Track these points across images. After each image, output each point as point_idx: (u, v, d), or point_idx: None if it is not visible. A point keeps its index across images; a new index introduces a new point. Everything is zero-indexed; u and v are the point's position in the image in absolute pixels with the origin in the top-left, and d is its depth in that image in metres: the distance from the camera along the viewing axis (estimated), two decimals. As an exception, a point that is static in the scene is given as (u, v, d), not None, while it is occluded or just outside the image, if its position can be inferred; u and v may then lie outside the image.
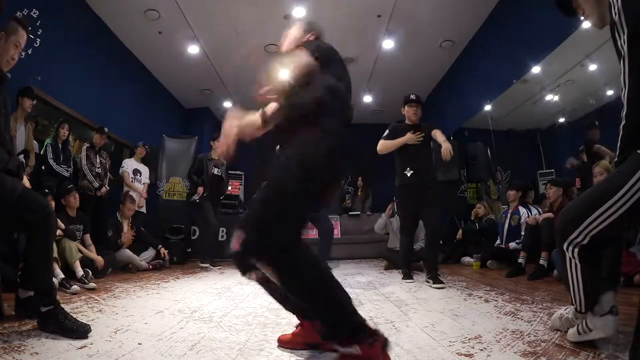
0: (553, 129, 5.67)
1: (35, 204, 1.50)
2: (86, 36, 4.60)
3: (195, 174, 4.48)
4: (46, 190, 3.28)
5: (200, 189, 4.36)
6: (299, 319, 1.42)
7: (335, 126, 1.15)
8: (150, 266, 4.05)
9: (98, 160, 4.26)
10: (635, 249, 2.35)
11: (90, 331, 1.45)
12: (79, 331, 1.43)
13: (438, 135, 2.98)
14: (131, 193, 4.48)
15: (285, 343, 1.39)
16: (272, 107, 1.41)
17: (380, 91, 7.17)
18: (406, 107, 3.21)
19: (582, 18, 1.27)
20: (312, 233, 4.00)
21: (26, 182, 1.74)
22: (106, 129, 4.38)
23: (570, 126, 5.31)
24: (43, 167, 3.75)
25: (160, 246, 4.35)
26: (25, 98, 3.36)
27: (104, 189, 4.22)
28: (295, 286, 1.11)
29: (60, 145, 3.90)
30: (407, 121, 3.22)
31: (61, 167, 3.82)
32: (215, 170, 4.50)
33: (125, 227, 4.15)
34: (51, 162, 3.75)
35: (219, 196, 4.61)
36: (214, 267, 4.29)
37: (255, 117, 1.40)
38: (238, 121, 1.30)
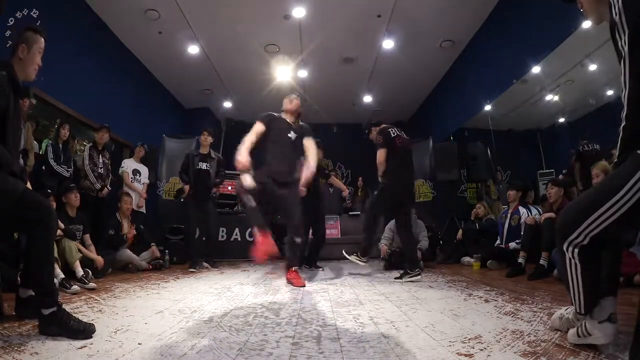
0: (553, 129, 5.67)
1: (36, 203, 1.50)
2: (86, 36, 4.60)
3: (183, 172, 4.34)
4: (49, 191, 3.29)
5: (186, 188, 4.25)
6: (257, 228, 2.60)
7: None
8: (150, 266, 4.05)
9: (101, 161, 4.23)
10: (635, 249, 2.35)
11: (95, 330, 1.45)
12: (86, 331, 1.42)
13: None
14: (130, 192, 4.48)
15: (257, 258, 2.57)
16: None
17: (380, 91, 7.18)
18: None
19: (581, 10, 1.27)
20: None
21: (28, 185, 1.74)
22: (106, 125, 4.35)
23: (570, 126, 5.31)
24: (43, 167, 3.75)
25: (153, 244, 4.29)
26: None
27: (105, 190, 4.20)
28: (298, 247, 2.87)
29: (60, 146, 3.90)
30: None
31: (61, 167, 3.82)
32: (203, 165, 4.36)
33: (125, 225, 4.16)
34: (52, 162, 3.75)
35: (207, 191, 4.38)
36: (213, 267, 4.28)
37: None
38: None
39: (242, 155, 2.65)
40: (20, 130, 1.75)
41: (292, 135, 2.94)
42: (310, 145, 2.92)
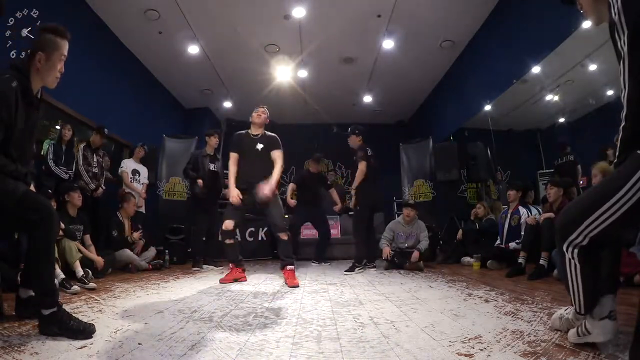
0: (553, 129, 5.67)
1: (37, 204, 1.50)
2: (86, 36, 4.60)
3: (193, 170, 4.36)
4: (49, 191, 3.29)
5: (200, 181, 4.25)
6: (232, 265, 3.16)
7: None
8: (150, 266, 4.06)
9: (95, 160, 4.20)
10: (635, 249, 2.34)
11: (95, 330, 1.45)
12: (86, 331, 1.42)
13: None
14: (132, 193, 4.48)
15: (223, 280, 3.05)
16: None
17: (380, 91, 7.17)
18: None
19: (581, 11, 1.27)
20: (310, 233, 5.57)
21: (32, 187, 1.73)
22: (106, 130, 4.34)
23: (570, 126, 5.32)
24: (43, 167, 3.75)
25: (152, 247, 4.37)
26: None
27: (100, 190, 4.18)
28: (287, 244, 3.09)
29: (63, 147, 3.89)
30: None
31: (60, 168, 3.81)
32: (211, 166, 4.44)
33: (127, 225, 4.16)
34: (50, 162, 3.74)
35: (216, 192, 4.54)
36: (216, 267, 4.31)
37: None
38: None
39: (234, 191, 3.05)
40: (32, 140, 1.68)
41: (259, 146, 3.19)
42: (277, 157, 3.13)
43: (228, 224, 3.03)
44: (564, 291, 1.43)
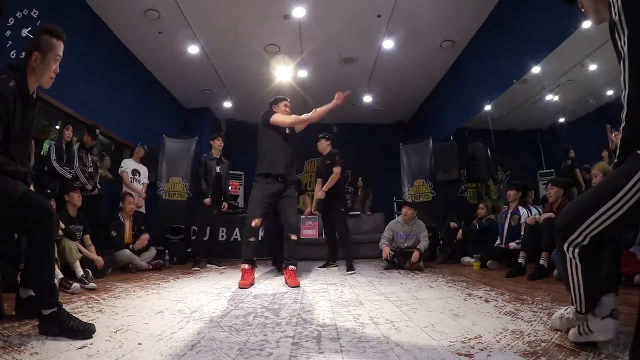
0: (553, 129, 5.67)
1: (37, 205, 1.50)
2: (86, 36, 4.60)
3: (204, 179, 4.49)
4: (48, 191, 3.28)
5: (207, 201, 4.41)
6: (248, 265, 2.96)
7: None
8: (150, 266, 4.06)
9: (90, 160, 4.20)
10: (635, 249, 2.35)
11: (95, 330, 1.45)
12: (85, 331, 1.42)
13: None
14: (130, 192, 4.49)
15: (242, 284, 2.80)
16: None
17: (380, 91, 7.17)
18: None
19: (582, 10, 1.27)
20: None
21: (32, 188, 1.73)
22: (98, 131, 4.27)
23: (570, 126, 5.32)
24: (46, 168, 3.74)
25: (146, 234, 4.35)
26: None
27: (96, 191, 4.18)
28: (295, 244, 3.10)
29: (64, 147, 3.89)
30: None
31: (64, 169, 3.80)
32: (217, 169, 4.56)
33: (128, 226, 4.16)
34: (54, 163, 3.73)
35: (220, 195, 4.64)
36: (219, 266, 4.35)
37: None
38: None
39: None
40: (30, 139, 1.70)
41: (287, 130, 3.32)
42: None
43: (257, 222, 3.03)
44: (564, 291, 1.43)
